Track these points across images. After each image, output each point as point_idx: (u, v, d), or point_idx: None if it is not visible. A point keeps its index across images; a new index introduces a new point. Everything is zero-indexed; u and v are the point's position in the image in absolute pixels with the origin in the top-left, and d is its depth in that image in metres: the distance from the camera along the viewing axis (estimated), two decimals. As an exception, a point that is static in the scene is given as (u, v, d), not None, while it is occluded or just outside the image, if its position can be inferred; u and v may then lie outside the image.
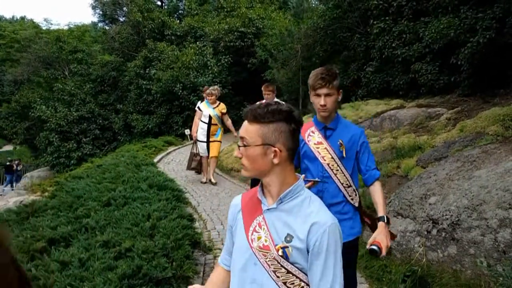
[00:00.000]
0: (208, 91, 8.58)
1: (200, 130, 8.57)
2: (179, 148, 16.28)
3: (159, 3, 30.22)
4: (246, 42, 20.41)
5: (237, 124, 20.59)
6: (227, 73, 20.69)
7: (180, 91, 18.75)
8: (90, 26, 37.62)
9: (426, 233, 4.16)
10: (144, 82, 19.78)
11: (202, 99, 8.96)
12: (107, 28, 29.28)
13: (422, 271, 3.75)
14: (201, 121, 8.55)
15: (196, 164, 8.89)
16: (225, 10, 22.87)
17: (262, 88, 6.75)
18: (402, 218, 4.63)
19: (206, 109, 8.48)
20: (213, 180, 8.94)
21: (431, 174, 4.82)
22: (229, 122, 8.87)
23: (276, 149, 1.45)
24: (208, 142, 8.58)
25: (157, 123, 19.70)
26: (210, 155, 8.69)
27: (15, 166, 21.55)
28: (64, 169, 18.80)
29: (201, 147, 8.63)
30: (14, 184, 20.77)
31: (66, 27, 33.05)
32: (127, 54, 22.58)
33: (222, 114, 8.64)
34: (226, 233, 1.73)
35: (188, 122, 19.53)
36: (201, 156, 8.78)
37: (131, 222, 4.81)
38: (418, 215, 4.38)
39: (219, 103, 8.64)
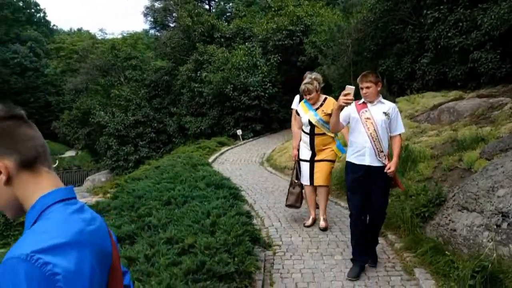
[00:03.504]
0: (303, 85, 5.66)
1: (302, 144, 5.82)
2: (232, 148, 16.51)
3: (207, 7, 30.77)
4: (294, 40, 20.35)
5: (284, 125, 20.69)
6: (277, 72, 20.73)
7: (231, 92, 19.00)
8: (142, 33, 38.92)
9: (495, 227, 3.97)
10: (196, 85, 20.20)
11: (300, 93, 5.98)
12: (158, 34, 30.17)
13: (492, 267, 3.58)
14: (302, 130, 5.80)
15: (295, 198, 5.98)
16: (273, 9, 22.91)
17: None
18: (468, 212, 4.45)
19: (304, 113, 5.67)
20: (322, 223, 5.73)
21: (498, 165, 4.59)
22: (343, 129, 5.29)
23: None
24: (312, 161, 5.68)
25: (210, 124, 20.05)
26: (316, 183, 5.67)
27: None
28: (123, 172, 19.55)
29: (303, 170, 5.80)
30: None
31: (120, 36, 34.37)
32: (178, 58, 23.14)
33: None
34: None
35: (240, 122, 19.77)
36: (302, 185, 5.94)
37: (192, 220, 4.94)
38: (486, 209, 4.19)
39: (325, 99, 5.68)
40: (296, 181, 5.98)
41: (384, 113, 4.26)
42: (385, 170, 4.17)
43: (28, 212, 1.11)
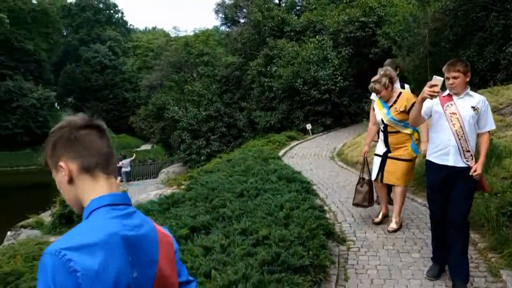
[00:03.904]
0: (371, 84, 5.23)
1: (379, 141, 5.53)
2: (301, 142, 16.43)
3: (277, 1, 30.77)
4: (367, 32, 19.80)
5: (355, 120, 20.21)
6: (348, 65, 20.30)
7: (301, 86, 18.88)
8: (214, 30, 39.81)
9: None
10: (266, 80, 20.31)
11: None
12: (228, 30, 30.68)
13: None
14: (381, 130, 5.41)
15: (362, 197, 5.65)
16: (344, 1, 22.44)
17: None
18: None
19: (379, 110, 5.31)
20: (392, 225, 5.35)
21: None
22: (423, 124, 4.67)
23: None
24: (385, 157, 5.31)
25: (279, 118, 20.09)
26: (385, 181, 5.35)
27: (118, 163, 23.38)
28: (195, 165, 20.16)
29: (374, 164, 5.46)
30: (121, 179, 22.73)
31: (192, 33, 35.41)
32: (248, 53, 23.39)
33: (408, 111, 4.91)
34: None
35: (310, 116, 19.61)
36: (370, 183, 5.65)
37: (265, 212, 4.97)
38: None
39: (400, 95, 5.21)
40: (364, 179, 5.71)
41: (473, 107, 3.74)
42: (470, 173, 3.71)
43: (83, 211, 1.25)
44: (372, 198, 5.72)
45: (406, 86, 6.18)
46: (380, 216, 5.64)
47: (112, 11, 75.87)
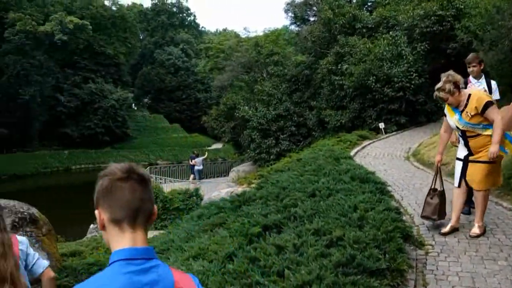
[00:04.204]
0: (436, 88, 4.89)
1: (459, 145, 5.16)
2: (373, 142, 15.97)
3: (348, -2, 30.17)
4: (444, 26, 18.81)
5: (432, 118, 19.28)
6: (423, 61, 19.43)
7: (373, 84, 18.36)
8: (283, 29, 39.85)
9: None
10: (337, 78, 19.98)
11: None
12: (298, 29, 30.54)
13: None
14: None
15: (432, 210, 5.27)
16: (419, -6, 21.49)
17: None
18: None
19: (450, 117, 4.97)
20: (474, 230, 4.98)
21: None
22: (497, 122, 4.58)
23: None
24: (466, 161, 4.94)
25: (350, 117, 19.67)
26: (470, 183, 4.96)
27: (191, 161, 23.94)
28: (265, 164, 20.29)
29: (455, 169, 5.14)
30: (194, 176, 23.29)
31: (262, 33, 35.69)
32: (318, 52, 23.14)
33: (481, 112, 4.65)
34: None
35: (382, 115, 19.01)
36: (442, 195, 5.31)
37: (338, 213, 4.86)
38: None
39: (469, 97, 4.74)
40: (436, 190, 5.32)
41: None
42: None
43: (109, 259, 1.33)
44: (443, 211, 5.33)
45: (493, 82, 5.84)
46: (448, 227, 5.15)
47: (185, 14, 78.54)
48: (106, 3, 57.34)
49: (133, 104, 59.84)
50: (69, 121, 48.31)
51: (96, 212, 1.36)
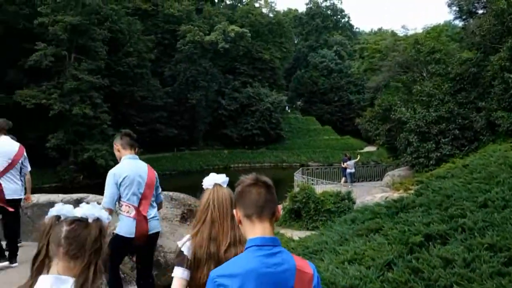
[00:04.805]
0: None
1: None
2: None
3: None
4: None
5: None
6: None
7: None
8: (446, 25, 36.94)
9: None
10: (511, 76, 17.70)
11: None
12: (463, 23, 27.97)
13: None
14: None
15: None
16: None
17: None
18: None
19: None
20: None
21: None
22: None
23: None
24: None
25: (527, 120, 17.25)
26: None
27: (343, 163, 23.36)
28: (423, 169, 19.00)
29: None
30: (345, 179, 22.59)
31: (421, 30, 33.57)
32: (489, 47, 20.77)
33: None
34: None
35: None
36: None
37: (518, 227, 4.26)
38: None
39: None
40: None
41: None
42: None
43: (245, 246, 1.75)
44: None
45: None
46: None
47: (339, 16, 78.39)
48: (264, 10, 60.28)
49: (287, 107, 61.77)
50: (229, 123, 52.10)
51: (234, 211, 1.82)
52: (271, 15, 60.12)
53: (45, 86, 33.68)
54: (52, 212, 1.56)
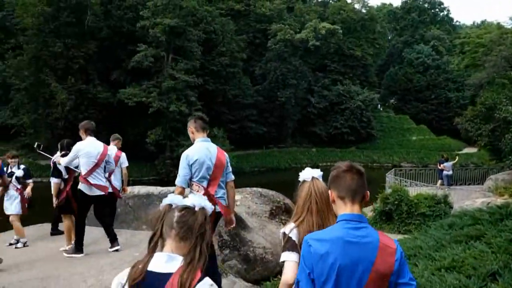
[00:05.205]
0: None
1: None
2: None
3: None
4: None
5: None
6: None
7: None
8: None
9: None
10: None
11: None
12: None
13: None
14: None
15: None
16: None
17: None
18: None
19: None
20: None
21: None
22: None
23: None
24: None
25: None
26: None
27: (439, 165, 21.89)
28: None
29: None
30: (442, 182, 21.17)
31: (533, 21, 30.66)
32: None
33: None
34: None
35: None
36: None
37: None
38: None
39: None
40: None
41: None
42: None
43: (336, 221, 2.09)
44: None
45: None
46: None
47: (437, 10, 74.19)
48: (356, 6, 58.92)
49: (379, 105, 59.81)
50: (318, 121, 51.73)
51: (329, 191, 2.14)
52: (363, 10, 58.55)
53: (145, 85, 36.00)
54: (166, 201, 1.90)
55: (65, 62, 34.53)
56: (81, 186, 5.81)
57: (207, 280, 1.76)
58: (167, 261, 1.77)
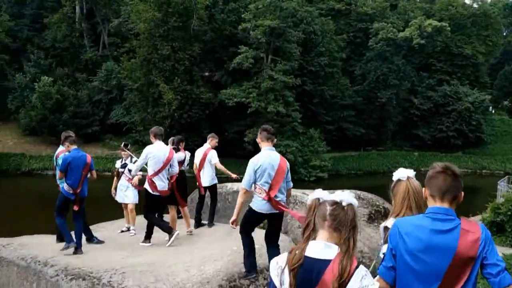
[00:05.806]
0: None
1: None
2: None
3: None
4: None
5: None
6: None
7: None
8: None
9: None
10: None
11: None
12: None
13: None
14: None
15: None
16: None
17: None
18: None
19: None
20: None
21: None
22: None
23: None
24: None
25: None
26: None
27: None
28: None
29: None
30: None
31: None
32: None
33: None
34: None
35: None
36: None
37: None
38: None
39: None
40: None
41: None
42: None
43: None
44: None
45: None
46: None
47: None
48: (466, 1, 54.95)
49: (490, 107, 55.13)
50: (421, 123, 49.03)
51: (423, 189, 2.35)
52: (475, 5, 54.38)
53: (245, 86, 36.99)
54: (314, 195, 2.08)
55: (172, 64, 36.84)
56: (146, 185, 6.44)
57: (363, 267, 1.93)
58: (324, 248, 1.94)
